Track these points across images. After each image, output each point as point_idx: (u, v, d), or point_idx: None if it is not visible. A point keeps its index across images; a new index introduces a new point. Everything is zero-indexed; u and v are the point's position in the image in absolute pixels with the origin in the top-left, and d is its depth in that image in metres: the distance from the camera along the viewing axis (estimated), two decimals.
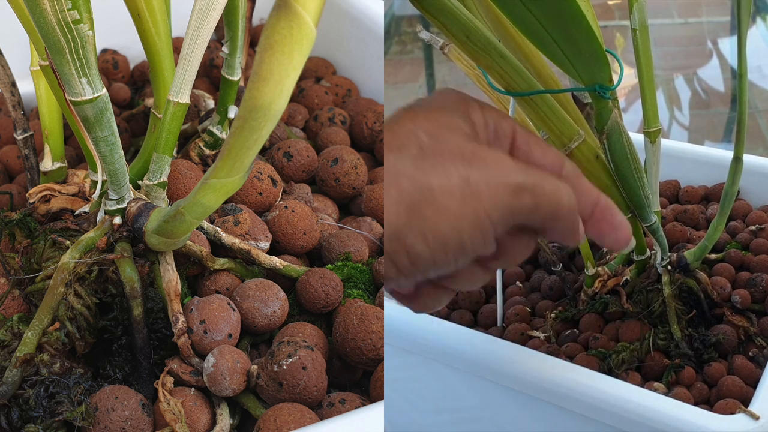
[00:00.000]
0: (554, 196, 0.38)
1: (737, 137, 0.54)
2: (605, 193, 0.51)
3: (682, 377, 0.53)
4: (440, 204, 0.36)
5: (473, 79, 0.59)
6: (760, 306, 0.57)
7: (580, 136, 0.48)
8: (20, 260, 0.54)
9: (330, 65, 0.85)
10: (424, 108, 0.39)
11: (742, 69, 0.51)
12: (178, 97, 0.51)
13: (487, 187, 0.36)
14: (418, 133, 0.37)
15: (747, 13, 0.49)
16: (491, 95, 0.58)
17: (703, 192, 0.72)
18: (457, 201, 0.36)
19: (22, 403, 0.47)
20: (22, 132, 0.58)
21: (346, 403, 0.50)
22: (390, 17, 1.74)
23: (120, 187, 0.51)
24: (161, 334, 0.52)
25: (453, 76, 1.51)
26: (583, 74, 0.45)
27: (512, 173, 0.37)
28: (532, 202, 0.37)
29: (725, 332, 0.55)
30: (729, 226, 0.66)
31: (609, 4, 1.73)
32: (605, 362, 0.54)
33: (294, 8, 0.33)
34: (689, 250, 0.58)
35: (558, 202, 0.38)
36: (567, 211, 0.39)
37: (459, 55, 0.59)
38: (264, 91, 0.36)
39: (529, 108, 0.47)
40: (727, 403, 0.50)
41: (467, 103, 0.39)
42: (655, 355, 0.54)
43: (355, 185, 0.66)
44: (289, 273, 0.56)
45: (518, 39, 0.51)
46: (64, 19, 0.41)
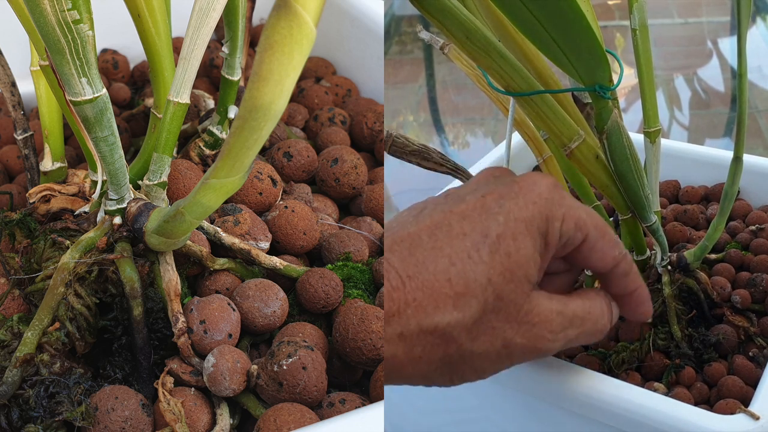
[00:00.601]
0: (586, 340, 0.44)
1: (737, 137, 0.54)
2: (605, 193, 0.51)
3: (682, 377, 0.53)
4: (474, 364, 0.40)
5: (473, 79, 0.59)
6: (760, 306, 0.57)
7: (580, 136, 0.48)
8: (20, 260, 0.54)
9: (330, 65, 0.85)
10: (508, 228, 0.40)
11: (742, 69, 0.51)
12: (178, 97, 0.51)
13: (522, 352, 0.40)
14: (488, 290, 0.39)
15: (747, 13, 0.49)
16: (491, 95, 0.58)
17: (703, 192, 0.72)
18: (491, 361, 0.40)
19: (22, 403, 0.47)
20: (22, 132, 0.58)
21: (346, 403, 0.50)
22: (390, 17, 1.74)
23: (120, 187, 0.51)
24: (161, 334, 0.52)
25: (453, 76, 1.51)
26: (583, 74, 0.45)
27: (554, 338, 0.41)
28: (564, 347, 0.42)
29: (725, 332, 0.55)
30: (729, 226, 0.66)
31: (609, 4, 1.73)
32: (605, 362, 0.54)
33: (294, 8, 0.33)
34: (689, 250, 0.58)
35: (591, 338, 0.44)
36: (601, 335, 0.44)
37: (459, 55, 0.59)
38: (264, 91, 0.36)
39: (529, 108, 0.47)
40: (727, 403, 0.50)
41: (550, 220, 0.41)
42: (655, 355, 0.54)
43: (355, 185, 0.66)
44: (289, 273, 0.56)
45: (518, 39, 0.51)
46: (64, 19, 0.41)
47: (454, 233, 0.39)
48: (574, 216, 0.41)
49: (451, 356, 0.39)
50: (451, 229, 0.39)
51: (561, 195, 0.41)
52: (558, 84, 0.52)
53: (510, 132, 0.54)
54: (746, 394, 0.51)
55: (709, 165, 0.73)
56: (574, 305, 0.42)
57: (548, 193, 0.41)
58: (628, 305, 0.46)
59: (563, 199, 0.41)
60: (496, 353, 0.39)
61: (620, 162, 0.49)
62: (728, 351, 0.55)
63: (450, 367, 0.39)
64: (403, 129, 1.35)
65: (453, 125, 1.38)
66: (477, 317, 0.38)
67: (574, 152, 0.48)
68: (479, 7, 0.50)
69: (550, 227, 0.41)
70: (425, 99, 1.48)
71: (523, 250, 0.39)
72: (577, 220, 0.41)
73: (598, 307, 0.44)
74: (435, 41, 0.60)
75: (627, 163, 0.49)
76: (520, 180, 0.41)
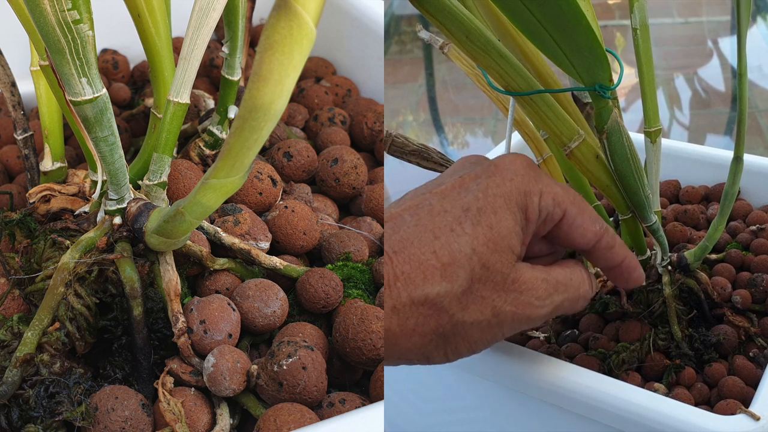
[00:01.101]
0: (571, 307, 0.45)
1: (737, 137, 0.54)
2: (605, 193, 0.51)
3: (683, 378, 0.53)
4: (467, 334, 0.41)
5: (473, 79, 0.59)
6: (761, 306, 0.57)
7: (580, 135, 0.48)
8: (20, 260, 0.54)
9: (330, 65, 0.85)
10: (488, 203, 0.41)
11: (743, 68, 0.51)
12: (178, 97, 0.51)
13: (512, 319, 0.42)
14: (473, 259, 0.40)
15: (747, 12, 0.49)
16: (491, 95, 0.58)
17: (704, 192, 0.72)
18: (482, 330, 0.41)
19: (22, 403, 0.47)
20: (22, 132, 0.58)
21: (346, 403, 0.50)
22: (390, 17, 1.74)
23: (120, 187, 0.51)
24: (161, 334, 0.52)
25: (453, 75, 1.51)
26: (583, 74, 0.45)
27: (541, 303, 0.43)
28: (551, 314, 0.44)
29: (726, 332, 0.55)
30: (729, 226, 0.66)
31: (609, 4, 1.73)
32: (605, 362, 0.54)
33: (294, 8, 0.33)
34: (690, 250, 0.58)
35: (575, 305, 0.45)
36: (584, 301, 0.46)
37: (459, 55, 0.59)
38: (264, 91, 0.36)
39: (529, 108, 0.47)
40: (727, 404, 0.50)
41: (528, 195, 0.42)
42: (655, 355, 0.54)
43: (355, 185, 0.66)
44: (289, 273, 0.56)
45: (518, 39, 0.51)
46: (64, 19, 0.41)
47: (435, 211, 0.40)
48: (551, 192, 0.43)
49: (443, 327, 0.40)
50: (432, 207, 0.41)
51: (537, 173, 0.43)
52: (558, 84, 0.52)
53: (510, 132, 0.54)
54: (747, 395, 0.51)
55: (710, 165, 0.73)
56: (555, 273, 0.44)
57: (524, 171, 0.42)
58: (620, 276, 0.47)
59: (540, 176, 0.43)
60: (487, 322, 0.41)
61: (620, 162, 0.49)
62: (729, 351, 0.55)
63: (443, 338, 0.40)
64: (403, 129, 1.35)
65: (452, 125, 1.38)
66: (466, 286, 0.40)
67: (574, 152, 0.48)
68: (479, 6, 0.50)
69: (528, 202, 0.42)
70: (425, 99, 1.48)
71: (504, 221, 0.41)
72: (555, 196, 0.43)
73: (578, 274, 0.45)
74: (434, 41, 0.60)
75: (627, 163, 0.49)
76: (497, 160, 0.43)
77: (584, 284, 0.46)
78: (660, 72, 1.42)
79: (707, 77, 1.43)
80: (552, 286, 0.43)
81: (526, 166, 0.43)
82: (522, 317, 0.42)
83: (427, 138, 1.32)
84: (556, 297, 0.43)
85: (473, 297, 0.40)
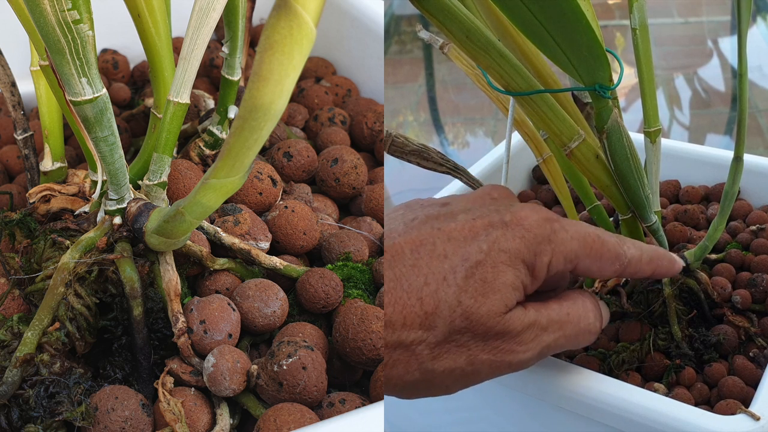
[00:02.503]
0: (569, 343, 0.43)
1: (738, 137, 0.54)
2: (605, 193, 0.51)
3: (683, 378, 0.53)
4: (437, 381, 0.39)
5: (473, 79, 0.59)
6: (761, 306, 0.57)
7: (580, 135, 0.48)
8: (20, 260, 0.54)
9: (330, 65, 0.85)
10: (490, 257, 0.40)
11: (743, 68, 0.51)
12: (178, 97, 0.51)
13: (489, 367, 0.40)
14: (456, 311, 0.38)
15: (747, 12, 0.49)
16: (491, 95, 0.58)
17: (704, 192, 0.72)
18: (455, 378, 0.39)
19: (22, 403, 0.47)
20: (22, 132, 0.58)
21: (346, 403, 0.50)
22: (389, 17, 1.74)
23: (120, 187, 0.51)
24: (161, 334, 0.52)
25: (453, 75, 1.51)
26: (583, 74, 0.45)
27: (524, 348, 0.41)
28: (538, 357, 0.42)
29: (726, 332, 0.55)
30: (729, 226, 0.66)
31: (609, 4, 1.73)
32: (605, 362, 0.54)
33: (294, 8, 0.33)
34: (690, 250, 0.58)
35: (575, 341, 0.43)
36: (588, 335, 0.44)
37: (459, 55, 0.59)
38: (264, 91, 0.36)
39: (529, 108, 0.47)
40: (727, 404, 0.50)
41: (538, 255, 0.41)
42: (655, 355, 0.54)
43: (355, 185, 0.66)
44: (289, 273, 0.56)
45: (518, 39, 0.51)
46: (64, 19, 0.41)
47: (436, 253, 0.39)
48: (563, 251, 0.41)
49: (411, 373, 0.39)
50: (434, 248, 0.39)
51: (552, 230, 0.41)
52: (558, 84, 0.52)
53: (510, 132, 0.54)
54: (747, 395, 0.51)
55: (710, 165, 0.73)
56: (549, 311, 0.42)
57: (538, 229, 0.41)
58: (656, 276, 0.46)
59: (554, 234, 0.41)
60: (461, 370, 0.39)
61: (620, 162, 0.49)
62: (729, 351, 0.55)
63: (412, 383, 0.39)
64: (403, 129, 1.35)
65: (453, 125, 1.38)
66: (441, 337, 0.38)
67: (574, 152, 0.48)
68: (479, 6, 0.50)
69: (537, 261, 0.41)
70: (425, 99, 1.48)
71: (502, 277, 0.39)
72: (567, 254, 0.42)
73: (579, 307, 0.43)
74: (434, 41, 0.60)
75: (627, 163, 0.49)
76: (514, 210, 0.41)
77: (587, 317, 0.43)
78: (660, 72, 1.42)
79: (707, 77, 1.43)
80: (540, 327, 0.41)
81: (542, 222, 0.41)
82: (500, 364, 0.40)
83: (427, 138, 1.32)
84: (546, 337, 0.41)
85: (449, 347, 0.39)
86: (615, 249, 0.44)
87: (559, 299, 0.43)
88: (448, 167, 0.54)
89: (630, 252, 0.44)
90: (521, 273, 0.40)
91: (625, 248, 0.44)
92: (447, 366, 0.39)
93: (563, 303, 0.43)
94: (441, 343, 0.38)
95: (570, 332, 0.42)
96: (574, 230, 0.42)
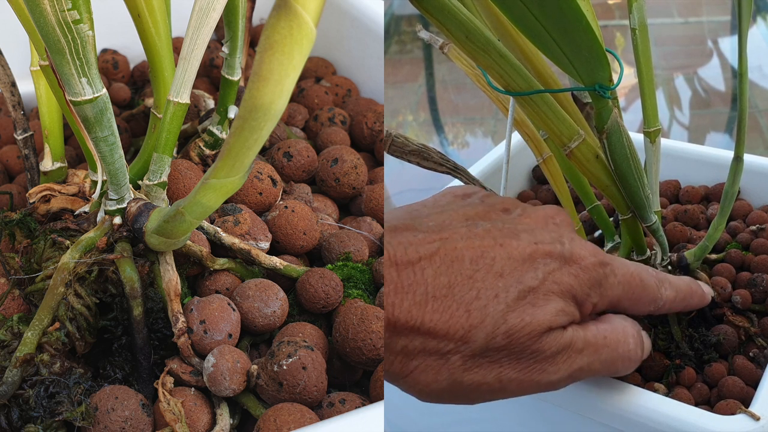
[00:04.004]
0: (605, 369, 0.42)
1: (738, 137, 0.54)
2: (605, 193, 0.51)
3: (683, 378, 0.53)
4: (462, 394, 0.39)
5: (473, 79, 0.59)
6: (761, 306, 0.57)
7: (580, 135, 0.48)
8: (20, 260, 0.54)
9: (330, 65, 0.85)
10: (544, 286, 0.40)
11: (743, 68, 0.51)
12: (178, 97, 0.51)
13: (517, 387, 0.39)
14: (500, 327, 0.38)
15: (748, 12, 0.49)
16: (491, 95, 0.58)
17: (704, 192, 0.72)
18: (481, 393, 0.39)
19: (22, 403, 0.47)
20: (22, 132, 0.58)
21: (346, 403, 0.50)
22: (389, 17, 1.74)
23: (120, 187, 0.51)
24: (161, 334, 0.52)
25: (453, 75, 1.51)
26: (583, 74, 0.45)
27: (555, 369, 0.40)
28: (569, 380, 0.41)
29: (726, 332, 0.55)
30: (729, 226, 0.66)
31: (609, 4, 1.73)
32: None
33: (294, 8, 0.33)
34: (690, 250, 0.58)
35: (612, 367, 0.43)
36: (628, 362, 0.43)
37: (458, 55, 0.59)
38: (264, 91, 0.36)
39: (529, 108, 0.47)
40: (727, 404, 0.50)
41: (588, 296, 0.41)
42: (655, 355, 0.54)
43: (355, 185, 0.66)
44: (289, 273, 0.56)
45: (518, 39, 0.51)
46: (64, 19, 0.41)
47: (493, 270, 0.39)
48: (609, 296, 0.42)
49: (440, 381, 0.38)
50: (493, 264, 0.39)
51: (604, 274, 0.42)
52: (558, 84, 0.52)
53: (510, 132, 0.54)
54: (747, 395, 0.51)
55: (710, 165, 0.73)
56: (586, 332, 0.41)
57: (593, 271, 0.41)
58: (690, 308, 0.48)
59: (605, 278, 0.42)
60: (487, 386, 0.39)
61: (620, 162, 0.49)
62: (729, 351, 0.55)
63: (438, 391, 0.39)
64: (403, 129, 1.35)
65: (452, 125, 1.38)
66: (478, 352, 0.38)
67: (574, 152, 0.48)
68: (479, 6, 0.50)
69: (587, 301, 0.41)
70: (425, 98, 1.48)
71: (551, 305, 0.40)
72: (611, 299, 0.42)
73: (618, 332, 0.43)
74: (434, 41, 0.60)
75: (627, 163, 0.49)
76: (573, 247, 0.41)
77: (626, 343, 0.43)
78: (660, 72, 1.42)
79: (707, 77, 1.43)
80: (575, 350, 0.40)
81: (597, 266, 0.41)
82: (529, 383, 0.39)
83: (427, 138, 1.32)
84: (579, 360, 0.40)
85: (481, 361, 0.39)
86: (653, 294, 0.44)
87: (598, 321, 0.42)
88: (448, 167, 0.54)
89: (666, 294, 0.45)
90: (569, 306, 0.40)
91: (662, 291, 0.45)
92: (475, 380, 0.39)
93: (601, 326, 0.42)
94: (475, 357, 0.38)
95: (606, 357, 0.42)
96: (621, 274, 0.43)
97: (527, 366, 0.39)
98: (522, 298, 0.39)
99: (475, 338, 0.38)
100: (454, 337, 0.38)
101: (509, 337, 0.38)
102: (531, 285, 0.39)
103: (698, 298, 0.49)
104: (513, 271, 0.39)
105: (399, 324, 0.37)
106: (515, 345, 0.39)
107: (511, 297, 0.39)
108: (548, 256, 0.40)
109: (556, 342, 0.40)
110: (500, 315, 0.38)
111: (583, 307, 0.41)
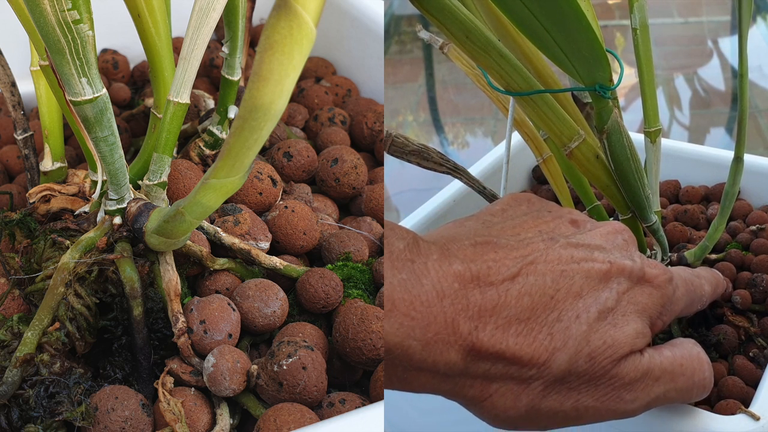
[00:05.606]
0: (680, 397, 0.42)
1: (738, 137, 0.54)
2: (605, 193, 0.51)
3: None
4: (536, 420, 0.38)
5: (473, 79, 0.59)
6: (761, 306, 0.57)
7: (580, 135, 0.48)
8: (20, 260, 0.54)
9: (330, 65, 0.85)
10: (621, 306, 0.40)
11: (743, 68, 0.51)
12: (178, 97, 0.51)
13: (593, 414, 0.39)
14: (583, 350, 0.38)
15: (748, 12, 0.49)
16: (491, 95, 0.58)
17: (704, 192, 0.72)
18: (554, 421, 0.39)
19: (22, 403, 0.47)
20: (22, 132, 0.58)
21: (346, 403, 0.50)
22: (390, 17, 1.74)
23: (120, 187, 0.51)
24: (161, 334, 0.52)
25: (453, 75, 1.51)
26: (583, 74, 0.45)
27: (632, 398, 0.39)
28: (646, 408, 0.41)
29: (726, 332, 0.55)
30: (729, 226, 0.66)
31: (609, 4, 1.73)
32: None
33: (294, 8, 0.33)
34: (690, 250, 0.58)
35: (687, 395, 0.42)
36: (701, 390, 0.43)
37: (459, 55, 0.59)
38: (264, 91, 0.36)
39: (529, 108, 0.47)
40: (727, 404, 0.50)
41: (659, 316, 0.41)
42: None
43: (355, 185, 0.66)
44: (289, 273, 0.56)
45: (518, 39, 0.51)
46: (64, 19, 0.41)
47: (573, 290, 0.38)
48: (675, 311, 0.43)
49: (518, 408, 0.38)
50: (572, 284, 0.39)
51: (672, 291, 0.42)
52: (558, 84, 0.52)
53: (510, 132, 0.54)
54: (747, 395, 0.51)
55: (710, 165, 0.73)
56: (662, 358, 0.41)
57: (664, 289, 0.41)
58: (715, 298, 0.49)
59: (673, 295, 0.42)
60: (563, 414, 0.38)
61: (620, 162, 0.49)
62: (729, 351, 0.55)
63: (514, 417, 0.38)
64: (403, 129, 1.35)
65: (452, 125, 1.38)
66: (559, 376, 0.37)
67: (574, 152, 0.48)
68: (479, 6, 0.50)
69: (658, 320, 0.41)
70: (425, 99, 1.48)
71: (630, 327, 0.39)
72: (677, 312, 0.43)
73: (694, 359, 0.42)
74: (434, 41, 0.60)
75: (627, 163, 0.49)
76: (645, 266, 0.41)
77: (701, 370, 0.42)
78: (660, 72, 1.42)
79: (707, 77, 1.43)
80: (653, 378, 0.40)
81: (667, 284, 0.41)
82: (605, 412, 0.39)
83: (427, 138, 1.33)
84: (656, 389, 0.40)
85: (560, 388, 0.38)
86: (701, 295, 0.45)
87: (672, 346, 0.42)
88: (448, 167, 0.54)
89: (706, 290, 0.46)
90: (646, 327, 0.40)
91: (704, 290, 0.46)
92: (552, 407, 0.38)
93: (677, 351, 0.42)
94: (555, 383, 0.38)
95: (682, 386, 0.41)
96: (682, 284, 0.43)
97: (605, 394, 0.39)
98: (602, 318, 0.38)
99: (558, 362, 0.37)
100: (537, 362, 0.37)
101: (591, 360, 0.38)
102: (609, 305, 0.39)
103: (722, 288, 0.50)
104: (591, 290, 0.39)
105: (483, 348, 0.36)
106: (596, 369, 0.38)
107: (593, 317, 0.38)
108: (621, 274, 0.40)
109: (634, 368, 0.39)
110: (582, 337, 0.38)
111: (655, 327, 0.41)
